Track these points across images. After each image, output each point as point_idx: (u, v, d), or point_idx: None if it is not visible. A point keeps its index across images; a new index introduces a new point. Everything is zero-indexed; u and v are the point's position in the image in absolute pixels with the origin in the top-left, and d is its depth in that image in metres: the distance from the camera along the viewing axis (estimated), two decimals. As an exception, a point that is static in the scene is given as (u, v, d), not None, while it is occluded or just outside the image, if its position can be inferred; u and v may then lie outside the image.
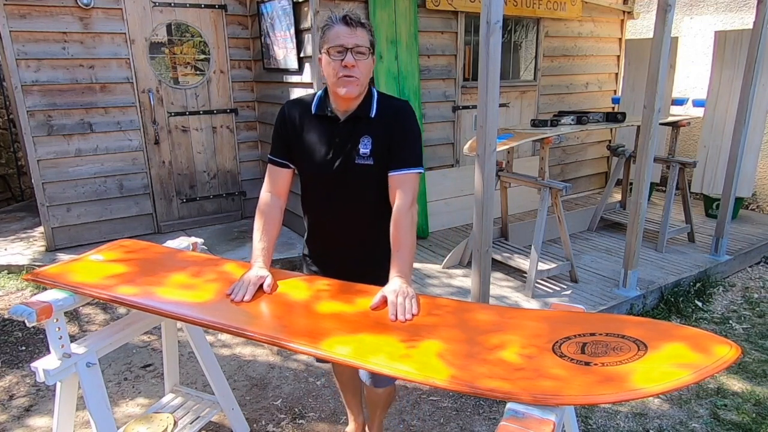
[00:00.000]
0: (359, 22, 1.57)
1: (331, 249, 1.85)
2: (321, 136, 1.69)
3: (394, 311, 1.45)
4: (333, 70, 1.57)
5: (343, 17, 1.56)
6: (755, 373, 2.84)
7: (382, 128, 1.66)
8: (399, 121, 1.68)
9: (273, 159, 1.79)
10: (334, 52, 1.56)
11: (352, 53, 1.55)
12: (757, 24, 3.56)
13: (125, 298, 1.61)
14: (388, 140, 1.66)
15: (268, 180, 1.80)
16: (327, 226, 1.81)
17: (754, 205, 5.47)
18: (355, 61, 1.55)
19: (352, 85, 1.58)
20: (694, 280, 3.76)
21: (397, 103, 1.73)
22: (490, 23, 2.38)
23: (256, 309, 1.55)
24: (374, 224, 1.77)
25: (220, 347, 3.12)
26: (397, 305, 1.46)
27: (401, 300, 1.47)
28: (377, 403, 2.11)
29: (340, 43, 1.55)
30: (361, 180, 1.69)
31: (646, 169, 3.18)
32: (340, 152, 1.67)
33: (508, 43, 5.04)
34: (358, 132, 1.66)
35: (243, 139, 5.04)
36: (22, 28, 3.90)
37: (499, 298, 3.38)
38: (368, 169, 1.67)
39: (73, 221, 4.35)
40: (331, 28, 1.57)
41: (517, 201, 4.80)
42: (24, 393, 2.69)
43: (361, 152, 1.66)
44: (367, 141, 1.66)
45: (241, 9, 4.73)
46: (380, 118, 1.67)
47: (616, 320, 1.41)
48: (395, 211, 1.66)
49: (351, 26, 1.55)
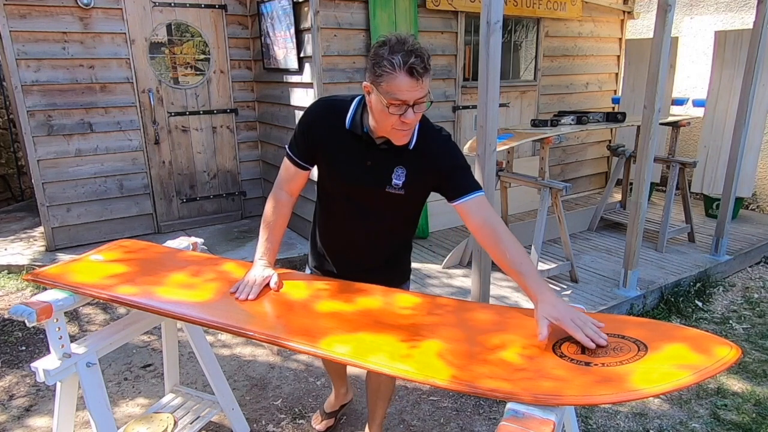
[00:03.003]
0: (426, 69, 1.34)
1: (342, 251, 1.80)
2: (352, 154, 1.56)
3: (589, 341, 1.24)
4: (387, 118, 1.41)
5: (409, 68, 1.31)
6: (755, 373, 2.84)
7: (418, 160, 1.54)
8: (446, 161, 1.55)
9: (292, 157, 1.67)
10: (392, 105, 1.37)
11: (413, 109, 1.38)
12: (757, 24, 3.56)
13: (125, 298, 1.61)
14: (425, 174, 1.55)
15: (282, 177, 1.71)
16: (343, 233, 1.75)
17: (754, 205, 5.47)
18: (415, 114, 1.39)
19: (406, 135, 1.46)
20: (694, 280, 3.76)
21: (438, 137, 1.58)
22: (490, 23, 2.38)
23: (256, 308, 1.55)
24: (393, 237, 1.76)
25: (220, 347, 3.12)
26: (587, 332, 1.25)
27: (582, 323, 1.26)
28: (378, 392, 2.10)
29: (401, 99, 1.36)
30: (387, 206, 1.62)
31: (646, 169, 3.18)
32: (371, 177, 1.56)
33: (508, 43, 5.03)
34: (394, 161, 1.55)
35: (243, 139, 5.04)
36: (22, 28, 3.90)
37: (499, 298, 3.38)
38: (398, 198, 1.58)
39: (73, 221, 4.35)
40: (393, 77, 1.34)
41: (517, 201, 4.80)
42: (24, 393, 2.69)
43: (394, 183, 1.55)
44: (401, 172, 1.55)
45: (241, 9, 4.73)
46: (419, 149, 1.54)
47: (617, 321, 1.41)
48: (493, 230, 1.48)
49: (418, 79, 1.34)
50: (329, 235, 1.82)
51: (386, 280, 1.69)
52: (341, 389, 2.40)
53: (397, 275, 1.86)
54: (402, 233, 1.79)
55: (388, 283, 1.64)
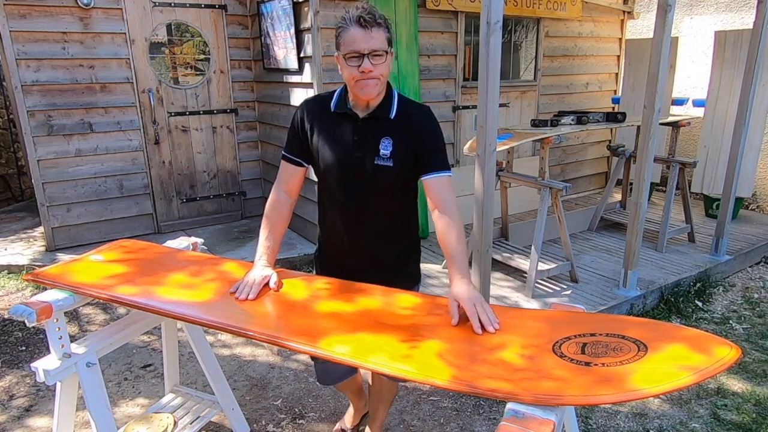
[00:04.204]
0: (375, 21, 1.49)
1: (348, 247, 1.79)
2: (340, 134, 1.66)
3: (478, 324, 1.37)
4: (350, 74, 1.54)
5: (358, 18, 1.48)
6: (755, 373, 2.84)
7: (402, 131, 1.63)
8: (425, 128, 1.65)
9: (287, 156, 1.75)
10: (350, 57, 1.51)
11: (368, 58, 1.50)
12: (757, 24, 3.56)
13: (125, 298, 1.61)
14: (409, 144, 1.63)
15: (280, 177, 1.77)
16: (344, 224, 1.76)
17: (754, 205, 5.47)
18: (373, 66, 1.51)
19: (370, 87, 1.55)
20: (694, 280, 3.76)
21: (418, 106, 1.70)
22: (490, 23, 2.38)
23: (256, 308, 1.55)
24: (392, 223, 1.77)
25: (220, 347, 3.12)
26: (479, 315, 1.38)
27: (480, 309, 1.40)
28: (380, 395, 2.12)
29: (355, 49, 1.49)
30: (380, 181, 1.66)
31: (646, 169, 3.18)
32: (360, 151, 1.64)
33: (508, 43, 5.03)
34: (379, 132, 1.64)
35: (243, 139, 5.04)
36: (22, 28, 3.90)
37: (499, 298, 3.38)
38: (388, 170, 1.64)
39: (73, 221, 4.35)
40: (346, 30, 1.50)
41: (517, 201, 4.79)
42: (24, 393, 2.69)
43: (382, 153, 1.63)
44: (387, 142, 1.63)
45: (241, 9, 4.73)
46: (400, 120, 1.64)
47: (617, 321, 1.41)
48: (443, 216, 1.62)
49: (366, 28, 1.48)
50: (332, 234, 1.82)
51: (392, 282, 1.66)
52: (359, 403, 2.36)
53: (403, 278, 1.82)
54: (399, 219, 1.79)
55: (394, 286, 1.63)
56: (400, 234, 1.82)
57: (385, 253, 1.80)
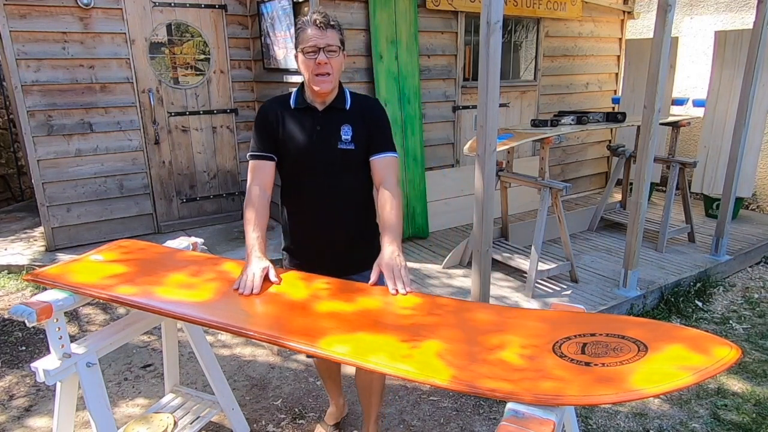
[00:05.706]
0: (328, 24, 1.72)
1: (316, 236, 1.91)
2: (303, 126, 1.83)
3: (393, 286, 1.60)
4: (308, 67, 1.74)
5: (314, 20, 1.71)
6: (755, 373, 2.84)
7: (358, 118, 1.84)
8: (375, 114, 1.88)
9: (256, 154, 1.88)
10: (307, 52, 1.72)
11: (324, 52, 1.71)
12: (757, 24, 3.56)
13: (125, 298, 1.61)
14: (366, 129, 1.84)
15: (253, 175, 1.89)
16: (311, 213, 1.89)
17: (754, 205, 5.47)
18: (328, 59, 1.72)
19: (326, 82, 1.75)
20: (694, 280, 3.76)
21: (368, 98, 1.98)
22: (491, 23, 2.38)
23: (256, 308, 1.55)
24: (358, 208, 1.92)
25: (220, 347, 3.12)
26: (395, 278, 1.61)
27: (397, 272, 1.62)
28: (368, 389, 2.10)
29: (312, 44, 1.71)
30: (344, 164, 1.84)
31: (646, 169, 3.18)
32: (323, 138, 1.82)
33: (508, 43, 5.04)
34: (338, 121, 1.83)
35: (243, 139, 5.03)
36: (22, 28, 3.90)
37: (499, 298, 3.38)
38: (351, 153, 1.83)
39: (73, 221, 4.35)
40: (304, 30, 1.73)
41: (517, 201, 4.80)
42: (24, 393, 2.69)
43: (343, 138, 1.82)
44: (347, 128, 1.83)
45: (241, 9, 4.73)
46: (355, 110, 1.85)
47: (617, 321, 1.41)
48: (383, 191, 1.83)
49: (321, 29, 1.70)
50: (304, 218, 1.93)
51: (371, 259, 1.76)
52: (339, 399, 2.41)
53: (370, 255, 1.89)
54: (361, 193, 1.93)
55: (372, 263, 1.73)
56: (366, 207, 1.97)
57: (355, 225, 1.93)
